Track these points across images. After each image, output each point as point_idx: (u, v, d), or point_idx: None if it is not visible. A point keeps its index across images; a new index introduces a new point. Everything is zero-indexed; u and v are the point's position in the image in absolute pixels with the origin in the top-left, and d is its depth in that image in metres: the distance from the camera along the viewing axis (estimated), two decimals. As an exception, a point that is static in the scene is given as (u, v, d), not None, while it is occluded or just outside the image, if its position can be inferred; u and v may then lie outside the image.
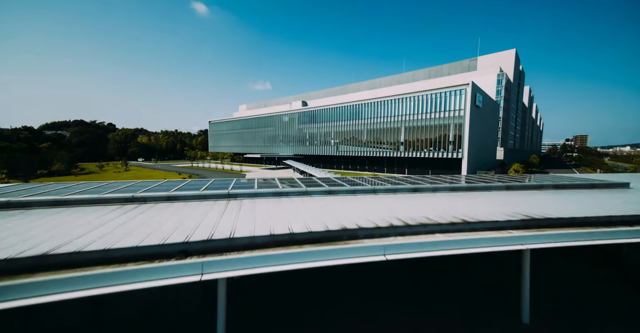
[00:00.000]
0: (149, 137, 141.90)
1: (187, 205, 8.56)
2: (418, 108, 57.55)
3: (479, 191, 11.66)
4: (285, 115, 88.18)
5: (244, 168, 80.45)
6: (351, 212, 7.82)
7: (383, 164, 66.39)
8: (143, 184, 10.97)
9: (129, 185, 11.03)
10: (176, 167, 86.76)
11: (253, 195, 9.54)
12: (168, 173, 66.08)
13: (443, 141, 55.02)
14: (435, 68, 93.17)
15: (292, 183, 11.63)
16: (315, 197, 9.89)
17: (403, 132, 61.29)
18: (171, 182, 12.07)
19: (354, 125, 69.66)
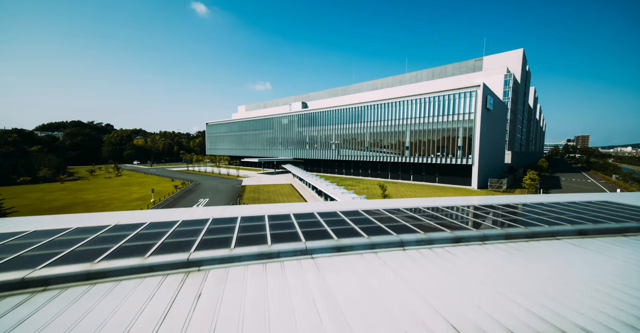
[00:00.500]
0: (145, 139, 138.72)
1: (116, 289, 5.37)
2: (424, 111, 54.41)
3: (544, 239, 8.49)
4: (284, 118, 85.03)
5: (242, 173, 77.25)
6: (368, 306, 4.71)
7: (387, 169, 63.24)
8: (51, 242, 7.41)
9: (22, 236, 7.55)
10: (171, 172, 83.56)
11: (226, 260, 6.35)
12: (161, 179, 62.91)
13: (451, 146, 51.89)
14: (439, 68, 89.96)
15: (286, 228, 8.43)
16: (319, 259, 6.69)
17: (408, 136, 58.15)
18: (110, 231, 8.84)
19: (356, 128, 66.52)
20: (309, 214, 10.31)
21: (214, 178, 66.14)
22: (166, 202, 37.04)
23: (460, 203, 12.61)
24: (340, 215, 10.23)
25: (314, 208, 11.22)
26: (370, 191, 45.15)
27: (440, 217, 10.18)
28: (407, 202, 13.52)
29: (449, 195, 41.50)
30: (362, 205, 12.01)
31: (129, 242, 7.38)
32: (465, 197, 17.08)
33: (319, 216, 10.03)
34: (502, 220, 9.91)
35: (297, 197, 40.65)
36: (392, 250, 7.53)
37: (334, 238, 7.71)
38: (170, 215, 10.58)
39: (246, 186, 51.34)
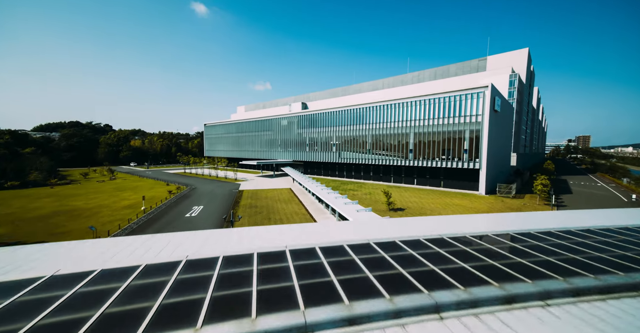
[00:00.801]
0: (143, 140, 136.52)
1: None
2: (429, 112, 52.31)
3: (625, 295, 6.41)
4: (283, 119, 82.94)
5: (240, 176, 75.13)
6: None
7: (389, 172, 61.13)
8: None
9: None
10: (167, 174, 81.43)
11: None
12: (156, 183, 60.78)
13: (457, 149, 49.81)
14: (441, 68, 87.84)
15: (279, 293, 6.32)
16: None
17: (412, 138, 56.07)
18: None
19: (358, 130, 64.43)
20: (309, 250, 8.21)
21: (211, 181, 64.04)
22: (158, 210, 34.94)
23: (490, 231, 10.49)
24: (347, 251, 8.12)
25: (314, 242, 9.08)
26: (373, 197, 43.04)
27: (473, 255, 8.08)
28: (425, 226, 11.41)
29: (456, 202, 39.41)
30: (373, 235, 9.88)
31: (112, 306, 5.32)
32: (488, 217, 14.99)
33: (320, 253, 7.93)
34: (556, 260, 7.81)
35: (296, 204, 38.54)
36: (424, 320, 5.43)
37: (345, 303, 5.60)
38: (170, 253, 8.48)
39: (244, 191, 49.23)
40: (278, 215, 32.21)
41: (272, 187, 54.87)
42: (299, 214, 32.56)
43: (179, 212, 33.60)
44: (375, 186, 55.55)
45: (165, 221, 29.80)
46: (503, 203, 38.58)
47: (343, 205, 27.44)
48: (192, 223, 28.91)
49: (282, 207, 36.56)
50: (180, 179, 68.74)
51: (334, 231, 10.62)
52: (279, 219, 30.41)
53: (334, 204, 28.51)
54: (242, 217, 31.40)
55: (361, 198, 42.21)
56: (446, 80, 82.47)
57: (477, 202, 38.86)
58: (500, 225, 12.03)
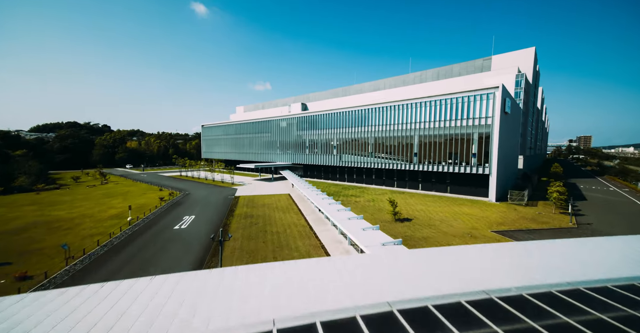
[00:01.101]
0: (139, 142, 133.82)
1: None
2: (435, 114, 49.79)
3: None
4: (282, 120, 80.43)
5: (237, 179, 72.57)
6: None
7: (393, 176, 58.58)
8: None
9: None
10: (162, 178, 78.84)
11: None
12: (149, 188, 58.19)
13: (465, 153, 47.31)
14: (444, 68, 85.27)
15: None
16: None
17: (416, 141, 53.57)
18: None
19: (359, 132, 61.91)
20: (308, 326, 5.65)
21: (207, 186, 61.48)
22: (145, 221, 32.36)
23: (554, 282, 7.88)
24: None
25: (314, 311, 6.46)
26: (377, 204, 40.42)
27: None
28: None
29: (465, 210, 36.86)
30: (399, 293, 7.28)
31: None
32: (526, 244, 12.32)
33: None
34: None
35: (295, 213, 35.99)
36: None
37: None
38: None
39: (239, 198, 46.67)
40: (275, 227, 29.65)
41: (270, 192, 52.31)
42: (297, 226, 30.00)
43: (168, 223, 31.02)
44: (378, 191, 52.97)
45: (150, 236, 27.23)
46: (516, 212, 36.03)
47: (346, 219, 24.84)
48: (179, 239, 26.34)
49: (279, 216, 34.00)
50: (175, 183, 66.18)
51: (342, 285, 7.96)
52: (275, 232, 27.85)
53: (334, 216, 25.94)
54: (237, 229, 28.88)
55: (364, 206, 39.66)
56: (449, 80, 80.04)
57: (489, 211, 36.30)
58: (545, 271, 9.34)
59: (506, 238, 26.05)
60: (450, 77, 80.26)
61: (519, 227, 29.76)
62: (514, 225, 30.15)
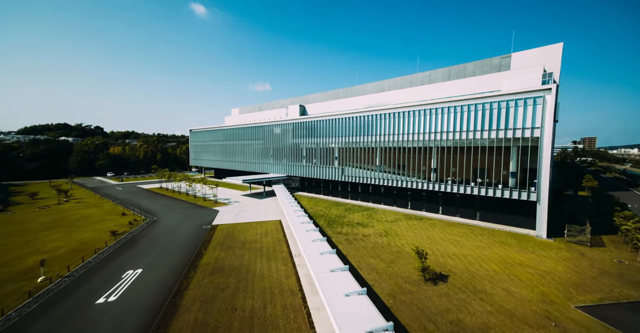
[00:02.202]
0: (124, 147, 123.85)
1: None
2: (459, 123, 40.28)
3: None
4: (276, 126, 70.84)
5: (222, 194, 62.92)
6: None
7: (406, 196, 48.96)
8: None
9: None
10: (139, 191, 69.10)
11: None
12: (113, 209, 48.41)
13: (500, 172, 37.79)
14: (456, 67, 75.41)
15: None
16: None
17: (435, 154, 44.08)
18: None
19: (365, 142, 52.37)
20: None
21: (183, 206, 51.75)
22: (61, 285, 22.60)
23: None
24: None
25: None
26: (392, 242, 30.59)
27: None
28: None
29: (514, 254, 27.18)
30: None
31: None
32: None
33: None
34: None
35: (283, 261, 26.33)
36: None
37: None
38: None
39: (217, 228, 36.98)
40: (250, 297, 19.98)
41: (258, 217, 42.59)
42: (283, 294, 20.31)
43: (93, 290, 21.19)
44: (389, 216, 43.26)
45: (49, 323, 17.51)
46: (586, 259, 26.37)
47: (337, 299, 15.15)
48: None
49: (261, 270, 24.30)
50: (148, 201, 56.46)
51: None
52: (248, 311, 18.19)
53: (323, 292, 16.22)
54: (194, 301, 19.27)
55: (376, 246, 29.95)
56: (463, 81, 70.50)
57: (548, 258, 26.62)
58: None
59: (614, 330, 16.37)
60: (464, 77, 70.71)
61: (610, 295, 20.12)
62: (601, 292, 20.51)
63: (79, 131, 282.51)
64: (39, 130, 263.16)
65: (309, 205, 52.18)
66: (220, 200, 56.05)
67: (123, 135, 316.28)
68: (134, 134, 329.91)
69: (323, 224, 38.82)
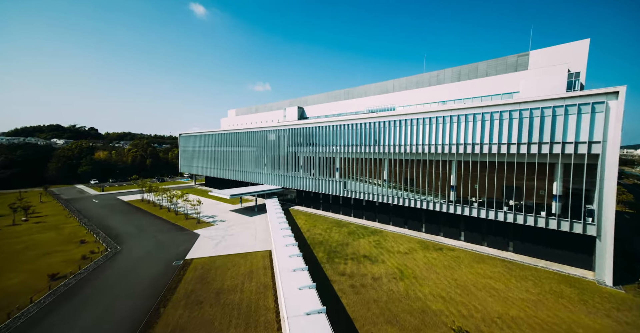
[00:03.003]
0: (110, 152, 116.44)
1: None
2: (490, 134, 33.15)
3: None
4: (271, 132, 63.69)
5: (208, 208, 55.66)
6: None
7: (420, 217, 41.80)
8: None
9: None
10: (116, 205, 61.82)
11: None
12: (75, 232, 41.14)
13: (537, 194, 30.68)
14: (467, 67, 68.12)
15: None
16: None
17: (455, 169, 36.99)
18: None
19: (370, 152, 45.32)
20: None
21: (159, 227, 44.51)
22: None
23: None
24: None
25: None
26: (414, 289, 23.36)
27: None
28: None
29: (582, 318, 20.02)
30: None
31: None
32: None
33: None
34: None
35: (266, 327, 19.18)
36: None
37: None
38: None
39: (191, 264, 29.78)
40: None
41: (244, 245, 35.35)
42: None
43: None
44: (402, 243, 36.03)
45: None
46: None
47: None
48: None
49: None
50: (121, 220, 49.26)
51: None
52: None
53: None
54: None
55: (391, 298, 22.67)
56: (474, 81, 63.42)
57: (630, 323, 19.45)
58: None
59: None
60: (475, 78, 63.72)
61: None
62: None
63: (72, 133, 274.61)
64: (30, 131, 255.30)
65: (306, 225, 45.02)
66: (204, 219, 48.80)
67: (118, 136, 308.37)
68: (130, 135, 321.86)
69: (322, 258, 31.64)
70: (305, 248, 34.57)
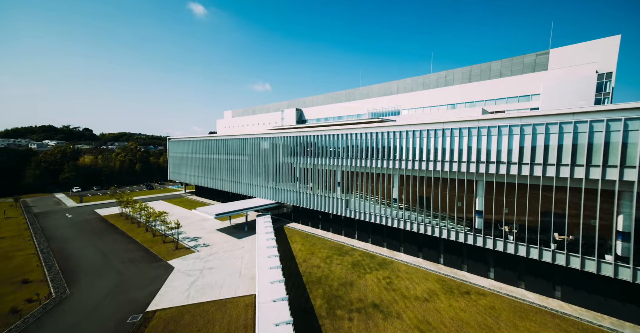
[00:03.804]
0: (96, 156, 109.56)
1: None
2: (533, 151, 26.42)
3: None
4: (263, 140, 56.92)
5: (189, 226, 48.93)
6: None
7: (437, 246, 35.11)
8: None
9: None
10: (91, 218, 55.04)
11: None
12: (26, 262, 34.42)
13: (593, 227, 23.97)
14: (478, 66, 61.42)
15: None
16: None
17: (482, 192, 30.33)
18: None
19: (378, 166, 38.61)
20: None
21: (129, 255, 37.74)
22: None
23: None
24: None
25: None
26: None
27: None
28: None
29: None
30: None
31: None
32: None
33: None
34: None
35: None
36: None
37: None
38: None
39: (152, 320, 23.04)
40: None
41: (225, 286, 28.59)
42: None
43: None
44: (419, 282, 29.23)
45: None
46: None
47: None
48: None
49: None
50: (86, 243, 42.55)
51: None
52: None
53: None
54: None
55: None
56: (487, 83, 56.97)
57: None
58: None
59: None
60: (487, 79, 57.14)
61: None
62: None
63: (64, 134, 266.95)
64: (22, 133, 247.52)
65: (302, 252, 38.30)
66: (184, 241, 42.05)
67: (114, 137, 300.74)
68: (127, 136, 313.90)
69: (320, 307, 24.95)
70: (299, 289, 27.94)
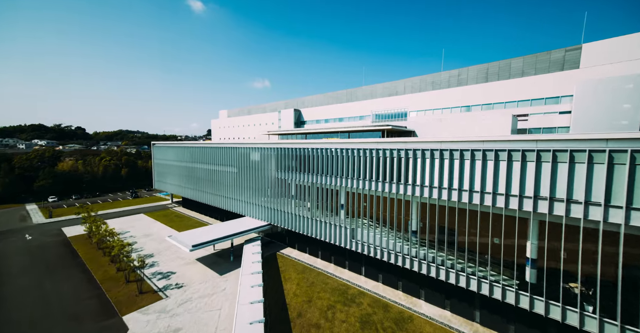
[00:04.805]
0: (76, 161, 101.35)
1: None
2: (610, 183, 18.62)
3: None
4: (254, 150, 49.04)
5: (164, 255, 41.28)
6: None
7: (471, 298, 27.41)
8: None
9: None
10: (52, 241, 47.15)
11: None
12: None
13: None
14: (496, 64, 53.51)
15: None
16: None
17: (534, 233, 22.70)
18: None
19: (391, 190, 30.79)
20: None
21: (70, 310, 30.06)
22: None
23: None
24: None
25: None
26: None
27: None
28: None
29: None
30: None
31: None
32: None
33: None
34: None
35: None
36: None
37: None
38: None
39: None
40: None
41: None
42: None
43: None
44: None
45: None
46: None
47: None
48: None
49: None
50: (28, 285, 34.83)
51: None
52: None
53: None
54: None
55: None
56: (506, 82, 49.48)
57: None
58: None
59: None
60: (507, 78, 49.33)
61: None
62: None
63: (55, 133, 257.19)
64: (10, 132, 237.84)
65: (296, 298, 30.61)
66: (154, 279, 34.30)
67: (108, 136, 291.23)
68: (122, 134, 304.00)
69: None
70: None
